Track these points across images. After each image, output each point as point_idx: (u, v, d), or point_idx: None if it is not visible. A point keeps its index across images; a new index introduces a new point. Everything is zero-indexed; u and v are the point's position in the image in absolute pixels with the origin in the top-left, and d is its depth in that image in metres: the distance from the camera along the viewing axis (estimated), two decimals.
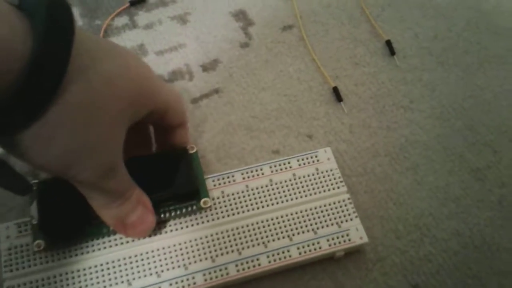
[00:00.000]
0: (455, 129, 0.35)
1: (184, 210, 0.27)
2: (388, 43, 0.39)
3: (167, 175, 0.27)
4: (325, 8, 0.42)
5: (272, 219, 0.28)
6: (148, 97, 0.24)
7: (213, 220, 0.28)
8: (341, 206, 0.29)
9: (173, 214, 0.27)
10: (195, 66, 0.38)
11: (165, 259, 0.27)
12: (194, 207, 0.27)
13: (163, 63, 0.38)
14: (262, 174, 0.30)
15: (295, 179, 0.30)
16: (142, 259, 0.27)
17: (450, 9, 0.42)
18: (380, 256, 0.30)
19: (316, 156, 0.31)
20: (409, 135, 0.35)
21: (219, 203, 0.29)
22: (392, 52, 0.39)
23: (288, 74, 0.38)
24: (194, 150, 0.29)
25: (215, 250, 0.27)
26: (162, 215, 0.27)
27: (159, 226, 0.28)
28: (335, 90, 0.37)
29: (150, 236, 0.27)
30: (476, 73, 0.38)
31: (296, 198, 0.29)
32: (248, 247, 0.27)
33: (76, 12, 0.40)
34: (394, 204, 0.32)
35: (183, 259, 0.27)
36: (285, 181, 0.30)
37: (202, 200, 0.28)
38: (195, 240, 0.27)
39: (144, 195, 0.26)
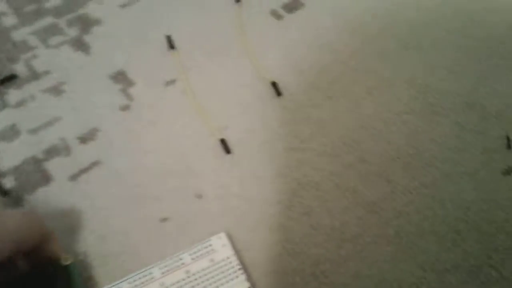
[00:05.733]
0: (346, 164, 0.37)
1: None
2: (274, 84, 0.41)
3: None
4: (208, 56, 0.43)
5: None
6: None
7: None
8: None
9: None
10: (72, 139, 0.38)
11: None
12: None
13: (37, 142, 0.38)
14: (152, 278, 0.30)
15: (189, 277, 0.30)
16: None
17: (334, 38, 0.44)
18: None
19: (210, 245, 0.31)
20: (301, 178, 0.36)
21: None
22: (278, 93, 0.41)
23: (173, 132, 0.39)
24: (69, 262, 0.29)
25: None
26: None
27: None
28: (223, 142, 0.38)
29: None
30: (365, 102, 0.40)
31: None
32: None
33: None
34: (290, 255, 0.33)
35: None
36: (178, 282, 0.30)
37: None
38: None
39: None
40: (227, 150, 0.38)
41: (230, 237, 0.33)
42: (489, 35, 0.44)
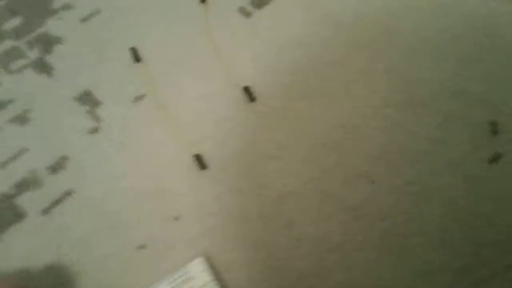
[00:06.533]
0: (327, 168, 0.36)
1: None
2: (246, 89, 0.40)
3: None
4: (176, 67, 0.42)
5: None
6: None
7: None
8: None
9: None
10: (42, 170, 0.38)
11: None
12: None
13: (7, 177, 0.38)
14: None
15: None
16: None
17: (307, 34, 0.43)
18: None
19: (188, 272, 0.31)
20: (281, 188, 0.35)
21: None
22: (251, 99, 0.39)
23: (147, 151, 0.38)
24: None
25: None
26: None
27: None
28: (197, 158, 0.37)
29: None
30: (342, 98, 0.39)
31: None
32: None
33: None
34: (273, 272, 0.32)
35: None
36: None
37: None
38: None
39: None
40: (203, 165, 0.37)
41: (210, 260, 0.33)
42: (471, 13, 0.42)
